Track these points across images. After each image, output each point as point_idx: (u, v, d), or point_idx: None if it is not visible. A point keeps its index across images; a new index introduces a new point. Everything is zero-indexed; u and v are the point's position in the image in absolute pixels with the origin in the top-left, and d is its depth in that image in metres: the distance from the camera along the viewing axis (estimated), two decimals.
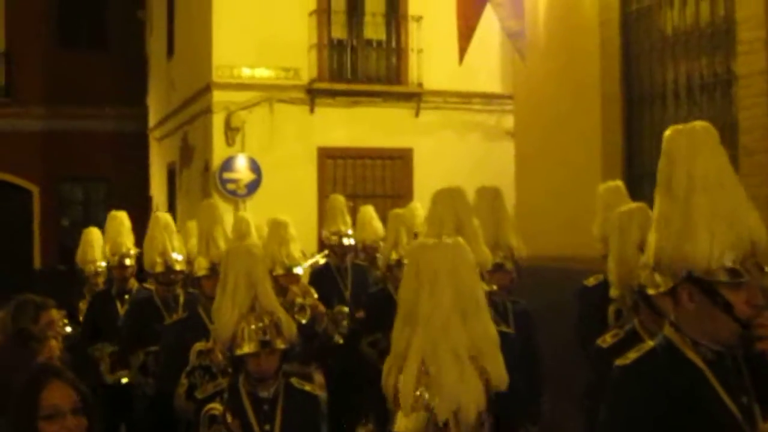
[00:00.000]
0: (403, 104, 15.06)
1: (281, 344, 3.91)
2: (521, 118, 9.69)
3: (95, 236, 8.93)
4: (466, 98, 15.17)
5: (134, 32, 21.39)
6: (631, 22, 7.82)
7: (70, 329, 6.87)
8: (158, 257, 6.39)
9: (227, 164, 14.28)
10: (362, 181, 14.99)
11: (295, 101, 14.59)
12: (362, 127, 14.67)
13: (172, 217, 7.07)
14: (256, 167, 14.31)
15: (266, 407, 3.85)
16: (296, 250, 6.51)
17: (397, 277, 6.28)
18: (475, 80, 14.64)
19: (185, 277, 6.60)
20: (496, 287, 4.89)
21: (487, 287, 4.26)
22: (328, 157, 14.79)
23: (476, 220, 4.68)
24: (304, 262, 7.10)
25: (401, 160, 15.15)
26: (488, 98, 15.18)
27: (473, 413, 2.27)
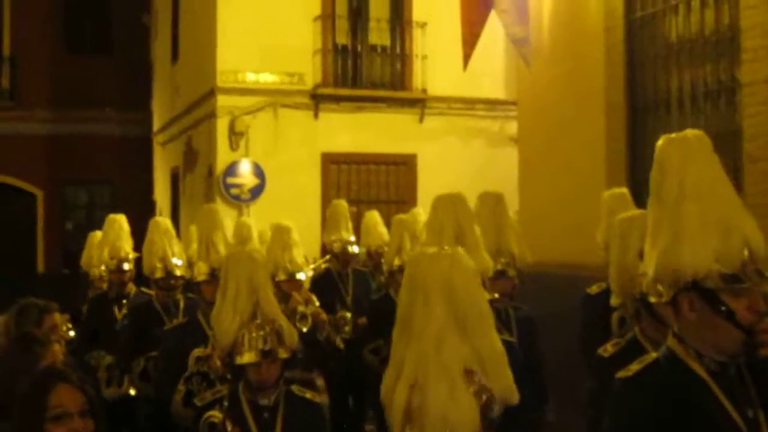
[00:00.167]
0: (407, 110, 15.06)
1: (282, 353, 3.85)
2: (525, 124, 9.69)
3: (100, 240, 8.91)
4: (470, 104, 15.17)
5: (139, 37, 21.43)
6: (635, 29, 7.82)
7: (73, 333, 6.86)
8: (158, 262, 6.33)
9: (231, 169, 14.28)
10: (366, 186, 14.98)
11: (299, 106, 14.60)
12: (366, 132, 14.67)
13: (175, 221, 7.04)
14: (259, 172, 14.31)
15: (266, 415, 3.79)
16: (299, 255, 6.48)
17: (399, 282, 6.25)
18: (479, 86, 14.64)
19: (186, 282, 6.54)
20: (497, 295, 4.86)
21: (488, 295, 4.25)
22: (332, 162, 14.79)
23: (477, 226, 4.64)
24: (307, 267, 7.07)
25: (405, 165, 15.14)
26: (492, 104, 15.18)
27: None
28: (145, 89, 21.33)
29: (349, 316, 7.28)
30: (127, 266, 7.36)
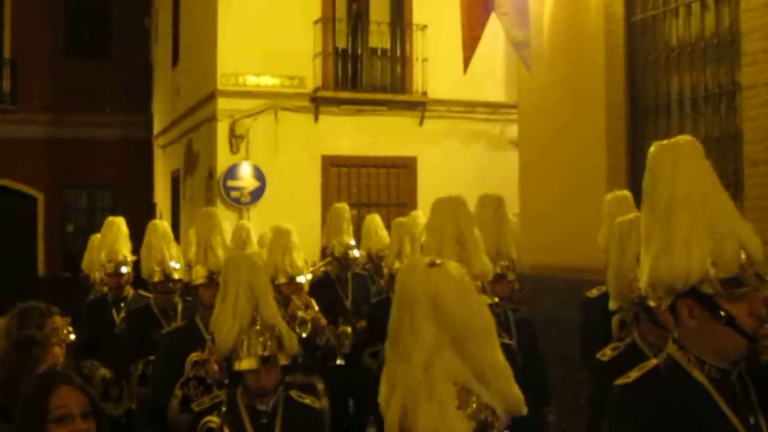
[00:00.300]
0: (407, 113, 15.07)
1: (282, 360, 3.81)
2: (526, 127, 9.68)
3: None
4: (470, 107, 15.18)
5: (139, 40, 21.46)
6: (636, 32, 7.81)
7: (74, 337, 6.83)
8: (156, 266, 6.28)
9: (231, 172, 14.29)
10: (366, 189, 14.99)
11: (299, 109, 14.60)
12: (367, 135, 14.68)
13: (175, 224, 7.01)
14: (260, 175, 14.31)
15: (265, 421, 3.76)
16: (299, 258, 6.46)
17: None
18: (479, 89, 14.66)
19: (184, 285, 6.49)
20: (497, 299, 4.84)
21: (489, 299, 4.22)
22: (332, 165, 14.80)
23: (477, 230, 4.62)
24: (307, 270, 7.04)
25: (405, 168, 15.15)
26: (493, 107, 15.18)
27: None
28: (145, 92, 21.36)
29: (349, 330, 7.15)
30: (125, 269, 7.30)
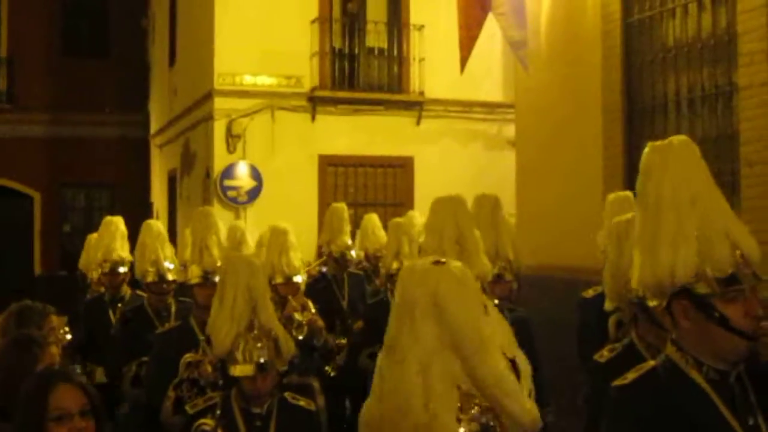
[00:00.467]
0: (404, 113, 15.07)
1: (279, 366, 3.79)
2: (523, 127, 9.69)
3: None
4: (467, 107, 15.19)
5: (136, 39, 21.45)
6: (633, 32, 7.82)
7: (70, 336, 6.81)
8: (150, 266, 6.20)
9: (228, 171, 14.28)
10: (363, 189, 14.99)
11: (296, 109, 14.60)
12: (363, 135, 14.68)
13: (172, 223, 6.98)
14: (257, 175, 14.31)
15: (259, 423, 3.73)
16: (296, 258, 6.43)
17: None
18: (476, 89, 14.67)
19: (178, 285, 6.39)
20: (497, 300, 4.82)
21: (489, 301, 4.20)
22: (329, 164, 14.80)
23: (477, 230, 4.60)
24: (304, 271, 7.01)
25: (402, 168, 15.15)
26: (490, 107, 15.19)
27: None
28: (142, 92, 21.36)
29: (344, 342, 7.04)
30: (122, 269, 7.24)
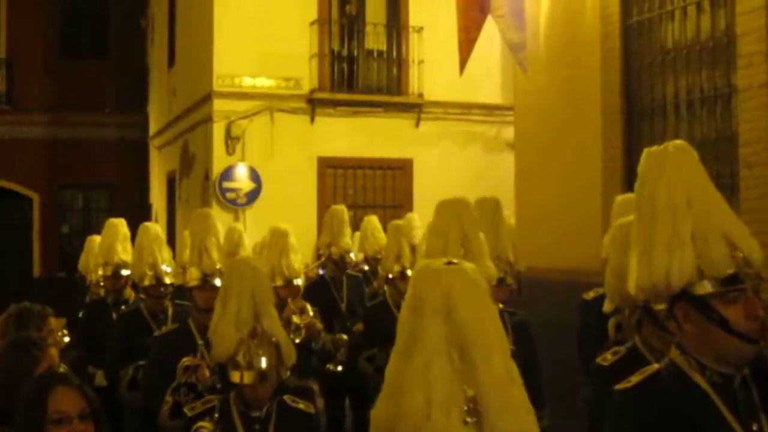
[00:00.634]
0: (403, 115, 15.08)
1: (281, 373, 3.77)
2: (521, 129, 9.69)
3: (99, 244, 8.80)
4: (466, 109, 15.19)
5: (136, 40, 21.45)
6: (632, 34, 7.82)
7: (67, 339, 6.79)
8: (148, 270, 6.12)
9: (227, 173, 14.29)
10: (362, 191, 15.00)
11: (295, 111, 14.61)
12: (363, 137, 14.69)
13: (171, 225, 6.95)
14: (256, 176, 14.31)
15: (258, 427, 3.72)
16: (297, 260, 6.41)
17: (400, 289, 6.21)
18: (475, 91, 14.68)
19: (176, 288, 6.34)
20: (501, 305, 4.80)
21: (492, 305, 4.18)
22: (328, 166, 14.80)
23: (482, 233, 4.56)
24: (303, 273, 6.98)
25: (401, 170, 15.15)
26: (489, 109, 15.20)
27: None
28: (141, 93, 21.35)
29: (345, 338, 7.00)
30: (124, 272, 7.12)
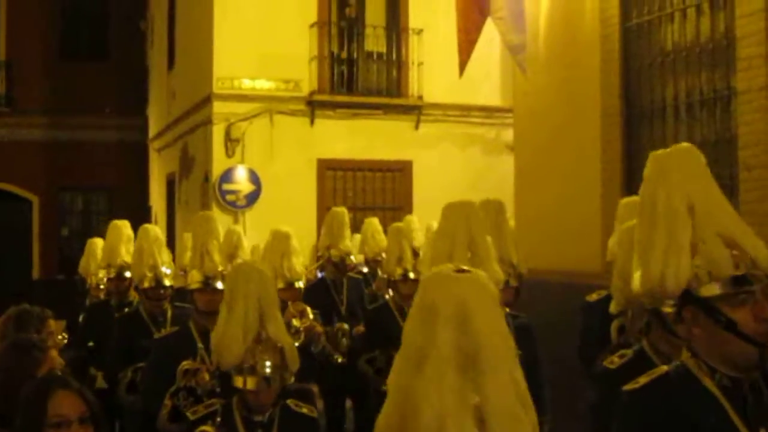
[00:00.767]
0: (403, 117, 15.08)
1: (285, 377, 3.77)
2: (521, 131, 9.69)
3: (99, 247, 8.77)
4: (466, 111, 15.20)
5: (135, 43, 21.45)
6: (631, 36, 7.83)
7: (66, 341, 6.77)
8: (148, 272, 6.12)
9: (227, 175, 14.29)
10: (362, 193, 15.00)
11: (295, 113, 14.61)
12: (362, 139, 14.69)
13: (171, 227, 6.94)
14: (255, 179, 14.31)
15: (260, 431, 3.72)
16: (298, 263, 6.41)
17: (401, 292, 6.21)
18: (475, 93, 14.68)
19: (176, 291, 6.35)
20: (508, 309, 4.78)
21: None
22: (328, 169, 14.80)
23: (488, 236, 4.53)
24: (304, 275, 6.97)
25: (401, 172, 15.16)
26: (488, 111, 15.21)
27: None
28: (141, 95, 21.35)
29: (346, 327, 7.01)
30: (128, 274, 7.08)
